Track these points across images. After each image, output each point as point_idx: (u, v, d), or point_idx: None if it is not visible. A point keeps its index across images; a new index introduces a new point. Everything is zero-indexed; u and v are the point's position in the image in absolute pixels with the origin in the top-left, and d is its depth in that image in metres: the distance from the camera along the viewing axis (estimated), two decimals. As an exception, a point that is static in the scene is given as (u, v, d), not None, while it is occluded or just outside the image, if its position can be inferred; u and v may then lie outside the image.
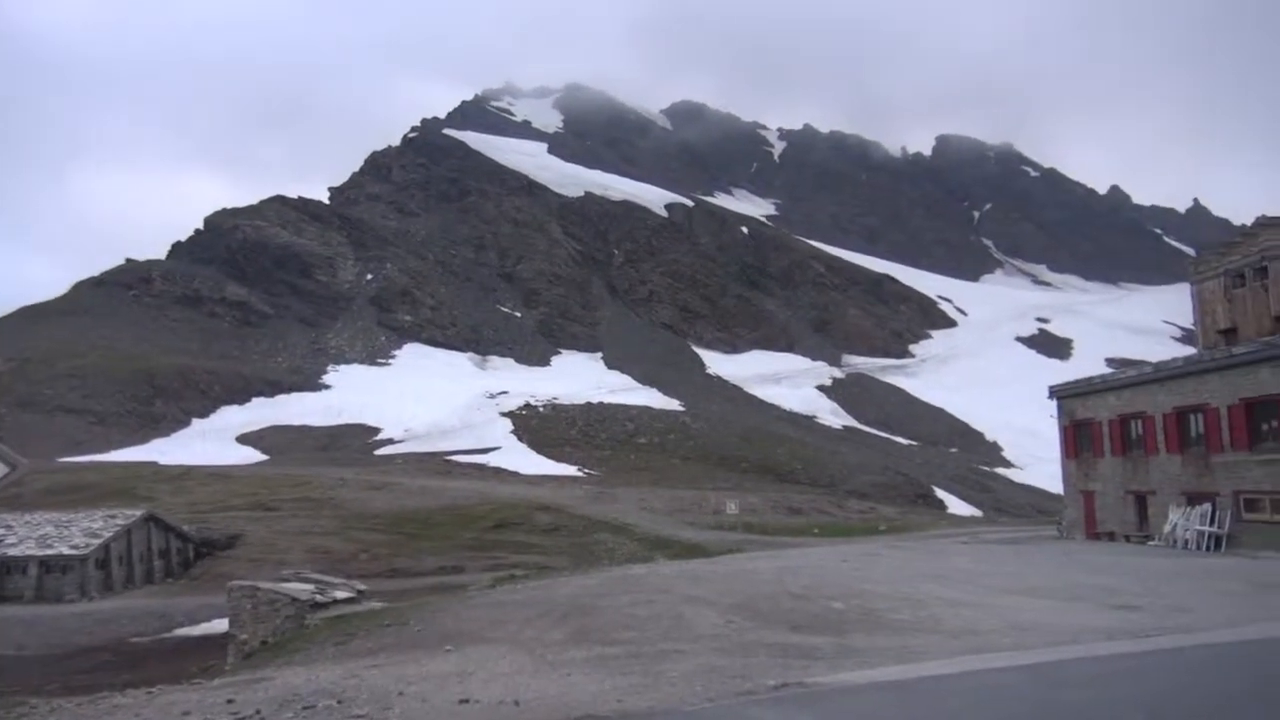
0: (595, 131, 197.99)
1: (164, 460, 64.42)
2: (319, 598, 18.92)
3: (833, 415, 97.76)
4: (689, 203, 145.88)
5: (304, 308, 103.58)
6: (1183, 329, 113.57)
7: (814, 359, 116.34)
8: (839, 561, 25.37)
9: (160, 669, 24.19)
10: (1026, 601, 16.60)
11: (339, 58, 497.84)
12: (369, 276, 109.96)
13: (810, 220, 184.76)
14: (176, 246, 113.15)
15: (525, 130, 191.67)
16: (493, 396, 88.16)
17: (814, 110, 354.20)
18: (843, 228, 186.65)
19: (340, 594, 19.70)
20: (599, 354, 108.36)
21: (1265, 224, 39.80)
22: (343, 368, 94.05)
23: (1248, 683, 9.61)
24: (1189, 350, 58.29)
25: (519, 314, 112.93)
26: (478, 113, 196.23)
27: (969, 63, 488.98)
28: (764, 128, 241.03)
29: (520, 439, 75.94)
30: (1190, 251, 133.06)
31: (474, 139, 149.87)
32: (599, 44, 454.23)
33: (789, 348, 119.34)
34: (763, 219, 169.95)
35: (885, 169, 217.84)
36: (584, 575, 24.99)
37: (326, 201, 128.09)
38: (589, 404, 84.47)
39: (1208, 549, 28.00)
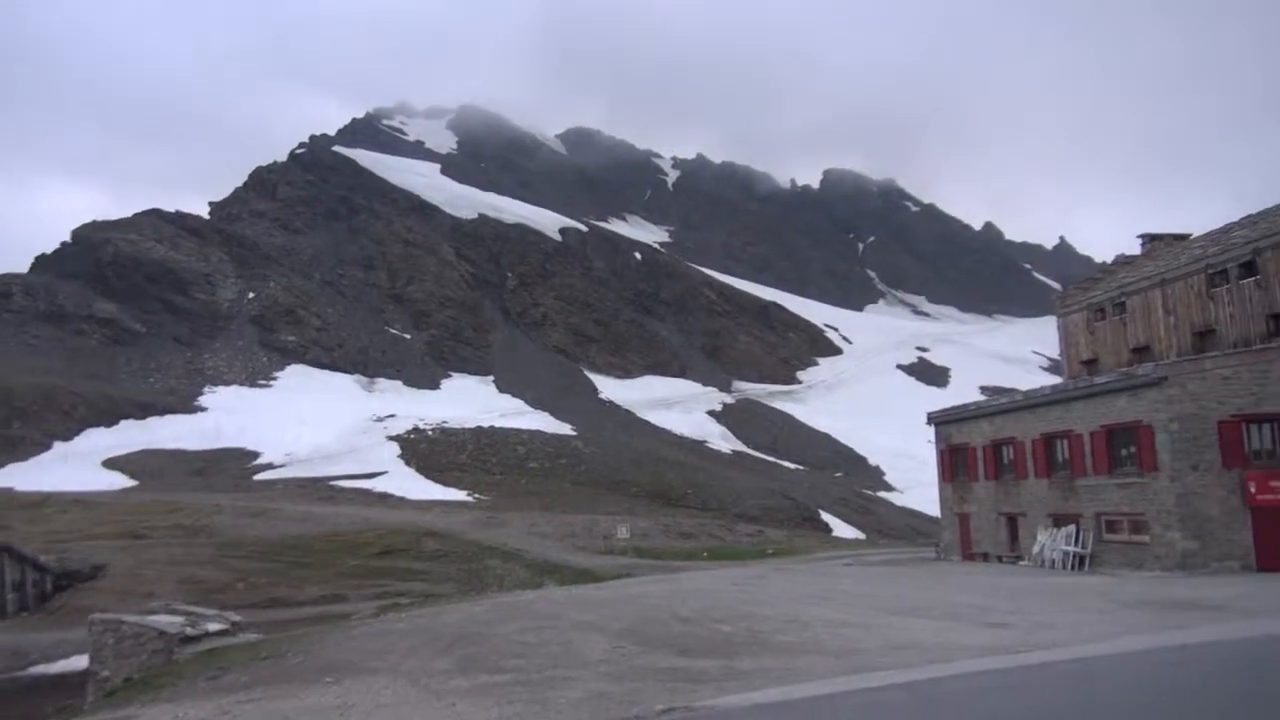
0: (489, 154, 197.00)
1: (20, 486, 60.42)
2: (189, 630, 18.02)
3: (723, 440, 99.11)
4: (583, 227, 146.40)
5: (180, 326, 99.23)
6: (1050, 359, 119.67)
7: (705, 385, 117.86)
8: (728, 585, 25.64)
9: (12, 710, 22.59)
10: (906, 621, 17.11)
11: (217, 69, 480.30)
12: (251, 295, 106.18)
13: (702, 248, 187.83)
14: (40, 260, 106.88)
15: (418, 150, 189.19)
16: (380, 420, 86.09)
17: (706, 140, 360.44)
18: (734, 256, 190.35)
19: (213, 626, 18.81)
20: (490, 377, 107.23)
21: (1123, 262, 42.51)
22: (220, 389, 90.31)
23: (1107, 694, 10.13)
24: (1055, 379, 61.46)
25: (409, 336, 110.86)
26: (369, 131, 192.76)
27: (854, 99, 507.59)
28: (657, 155, 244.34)
29: (408, 463, 74.31)
30: (1057, 286, 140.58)
31: (365, 157, 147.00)
32: (493, 67, 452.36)
33: (681, 373, 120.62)
34: (656, 245, 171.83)
35: (775, 200, 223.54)
36: (472, 602, 24.55)
37: (206, 216, 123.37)
38: (479, 428, 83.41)
39: (1073, 568, 29.45)
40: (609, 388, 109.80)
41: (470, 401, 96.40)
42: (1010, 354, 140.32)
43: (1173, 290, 34.73)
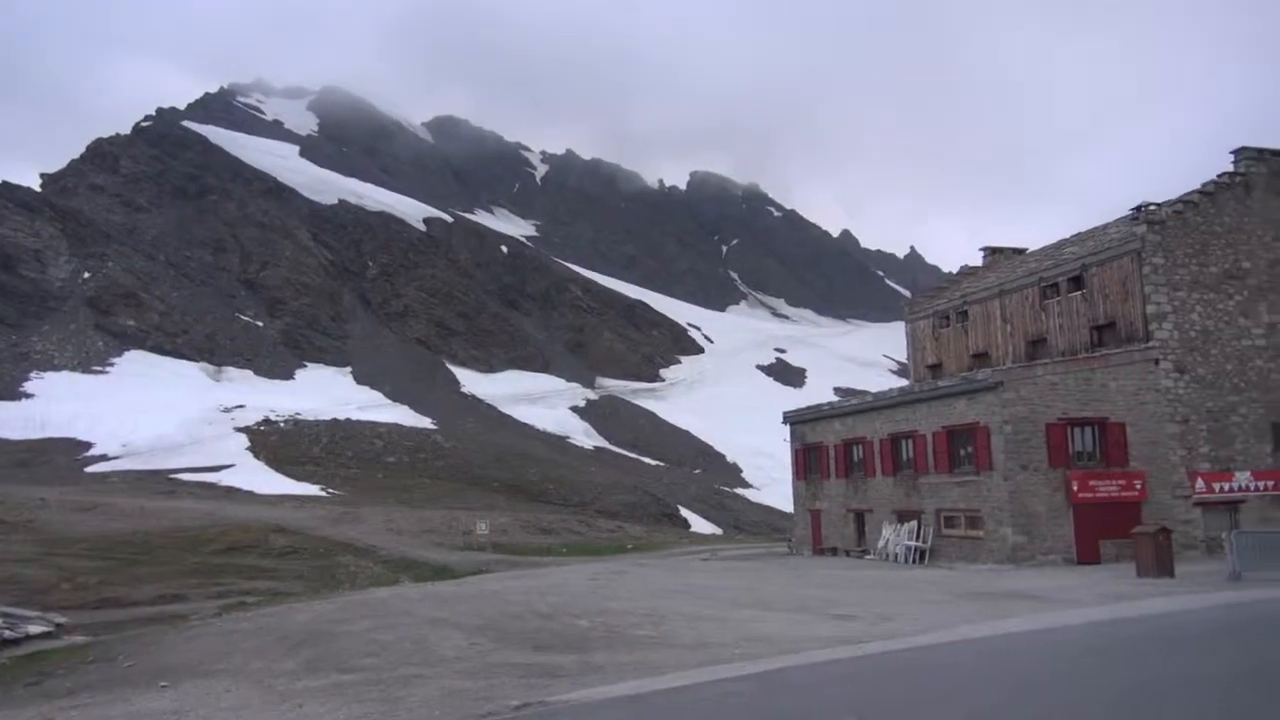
0: (352, 138, 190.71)
1: None
2: (7, 633, 16.76)
3: (585, 436, 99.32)
4: (448, 218, 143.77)
5: (4, 306, 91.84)
6: (899, 362, 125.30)
7: (569, 380, 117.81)
8: (586, 580, 25.74)
9: None
10: (758, 614, 17.62)
11: (42, 27, 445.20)
12: (86, 275, 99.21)
13: (570, 244, 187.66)
14: None
15: (276, 130, 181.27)
16: (227, 411, 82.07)
17: (575, 136, 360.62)
18: (601, 253, 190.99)
19: (34, 628, 17.55)
20: (348, 369, 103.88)
21: (967, 273, 44.99)
22: (49, 375, 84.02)
23: (941, 680, 10.73)
24: (903, 382, 64.41)
25: (261, 324, 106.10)
26: (223, 107, 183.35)
27: (720, 104, 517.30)
28: (526, 149, 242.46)
29: (257, 456, 71.15)
30: (907, 293, 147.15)
31: (217, 134, 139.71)
32: (357, 48, 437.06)
33: (545, 368, 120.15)
34: (523, 239, 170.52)
35: (642, 199, 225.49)
36: (322, 600, 23.80)
37: (38, 189, 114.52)
38: (335, 420, 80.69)
39: (914, 562, 30.98)
40: (471, 381, 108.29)
41: (326, 393, 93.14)
42: (863, 357, 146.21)
43: (1010, 301, 36.99)
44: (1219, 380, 30.64)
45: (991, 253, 44.49)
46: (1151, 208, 31.73)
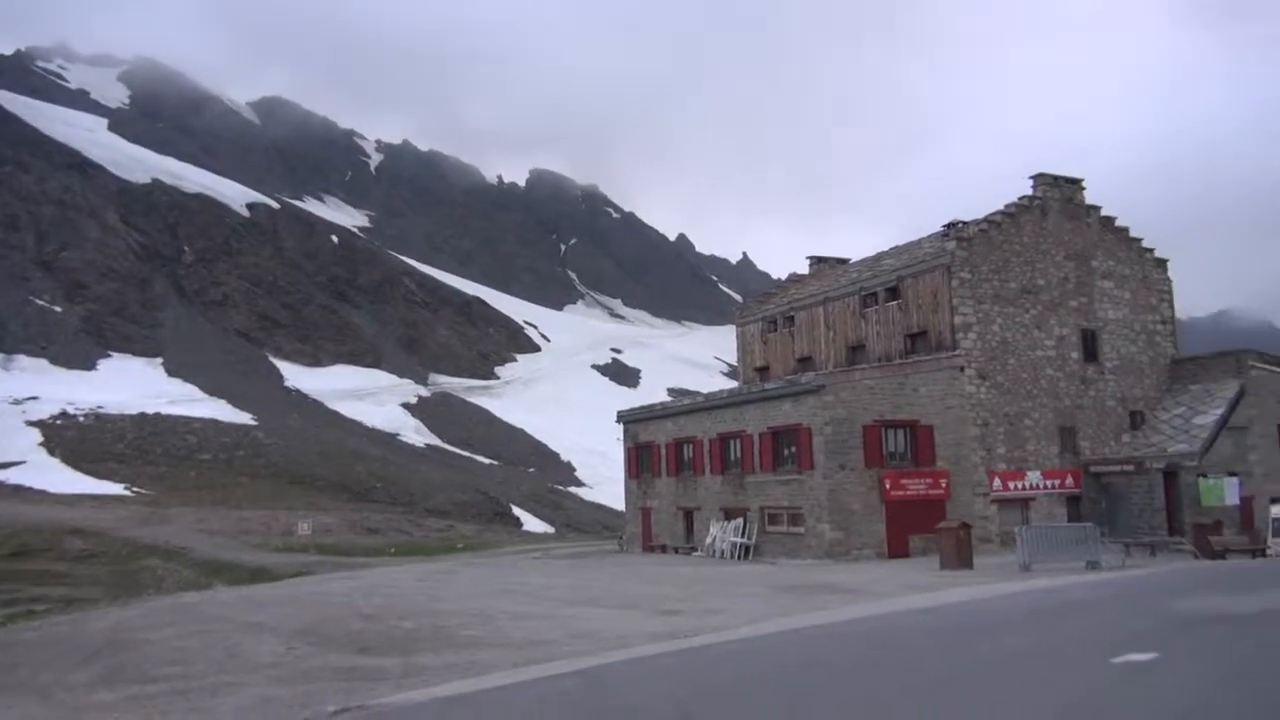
0: (169, 114, 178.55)
1: None
2: None
3: (416, 434, 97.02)
4: (275, 204, 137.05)
5: None
6: (729, 365, 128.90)
7: (401, 376, 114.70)
8: (413, 581, 25.23)
9: None
10: (587, 611, 17.75)
11: None
12: None
13: (404, 236, 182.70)
14: None
15: (81, 100, 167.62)
16: (18, 403, 75.22)
17: (412, 127, 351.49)
18: (437, 247, 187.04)
19: None
20: (159, 360, 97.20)
21: (794, 280, 46.86)
22: None
23: (761, 670, 11.15)
24: (733, 384, 66.38)
25: (59, 309, 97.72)
26: (19, 71, 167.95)
27: (560, 101, 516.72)
28: (361, 137, 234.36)
29: (52, 453, 65.60)
30: (738, 298, 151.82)
31: (12, 101, 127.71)
32: (174, 17, 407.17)
33: (376, 364, 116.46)
34: (355, 230, 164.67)
35: (481, 194, 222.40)
36: (123, 607, 22.24)
37: None
38: (143, 414, 75.40)
39: (739, 558, 31.99)
40: (296, 376, 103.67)
41: (133, 385, 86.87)
42: (696, 359, 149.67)
43: (833, 308, 38.81)
44: (1015, 387, 33.24)
45: (817, 262, 46.55)
46: (961, 225, 34.07)
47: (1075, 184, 36.22)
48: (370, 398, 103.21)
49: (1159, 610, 14.75)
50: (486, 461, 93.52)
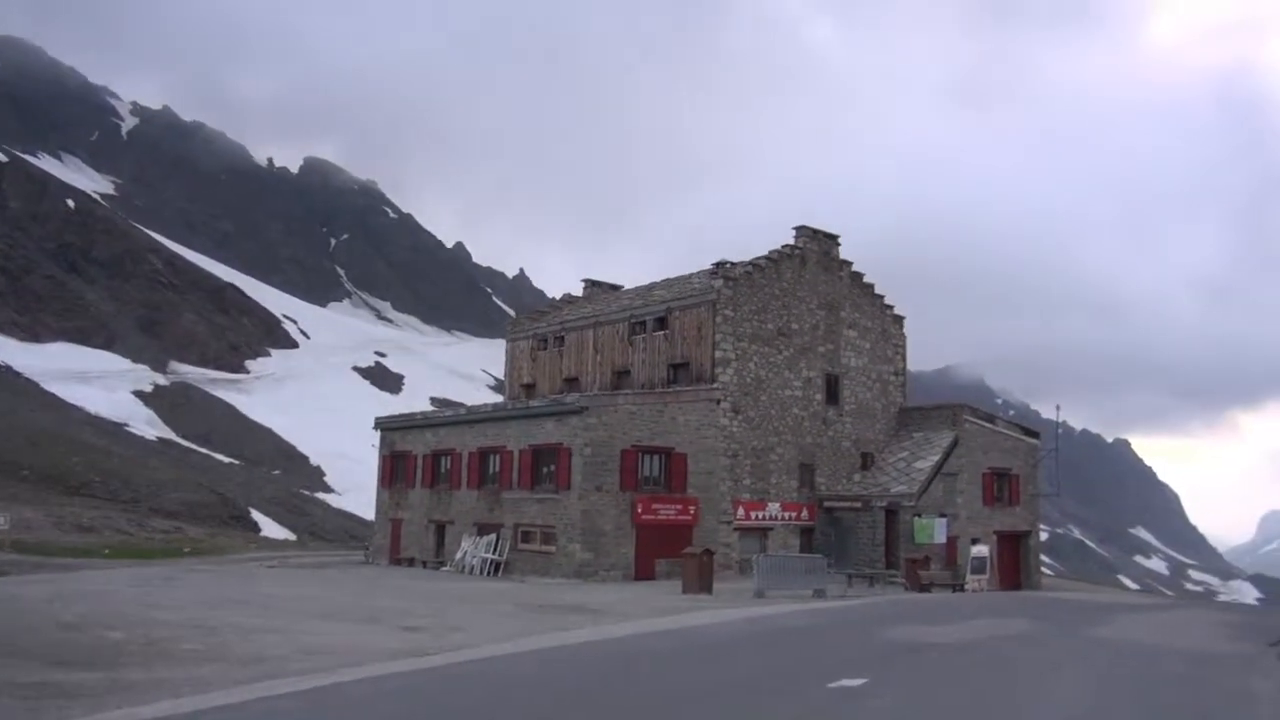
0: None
1: None
2: None
3: (148, 425, 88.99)
4: (2, 157, 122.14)
5: None
6: (496, 379, 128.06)
7: (136, 361, 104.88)
8: (129, 586, 23.10)
9: None
10: (323, 625, 16.94)
11: None
12: None
13: (156, 210, 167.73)
14: None
15: None
16: None
17: (177, 93, 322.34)
18: (192, 226, 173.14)
19: None
20: None
21: (568, 301, 47.35)
22: None
23: (499, 691, 11.06)
24: (498, 398, 65.98)
25: None
26: None
27: (340, 91, 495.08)
28: (114, 96, 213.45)
29: None
30: (511, 313, 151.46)
31: None
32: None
33: (108, 345, 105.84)
34: (96, 196, 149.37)
35: (248, 175, 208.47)
36: None
37: None
38: None
39: (489, 574, 31.72)
40: (10, 351, 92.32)
41: None
42: (462, 370, 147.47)
43: (603, 332, 39.55)
44: (764, 423, 35.24)
45: (591, 285, 47.33)
46: (729, 265, 35.82)
47: (832, 239, 39.12)
48: (98, 381, 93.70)
49: (872, 638, 16.05)
50: (227, 460, 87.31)
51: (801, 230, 38.19)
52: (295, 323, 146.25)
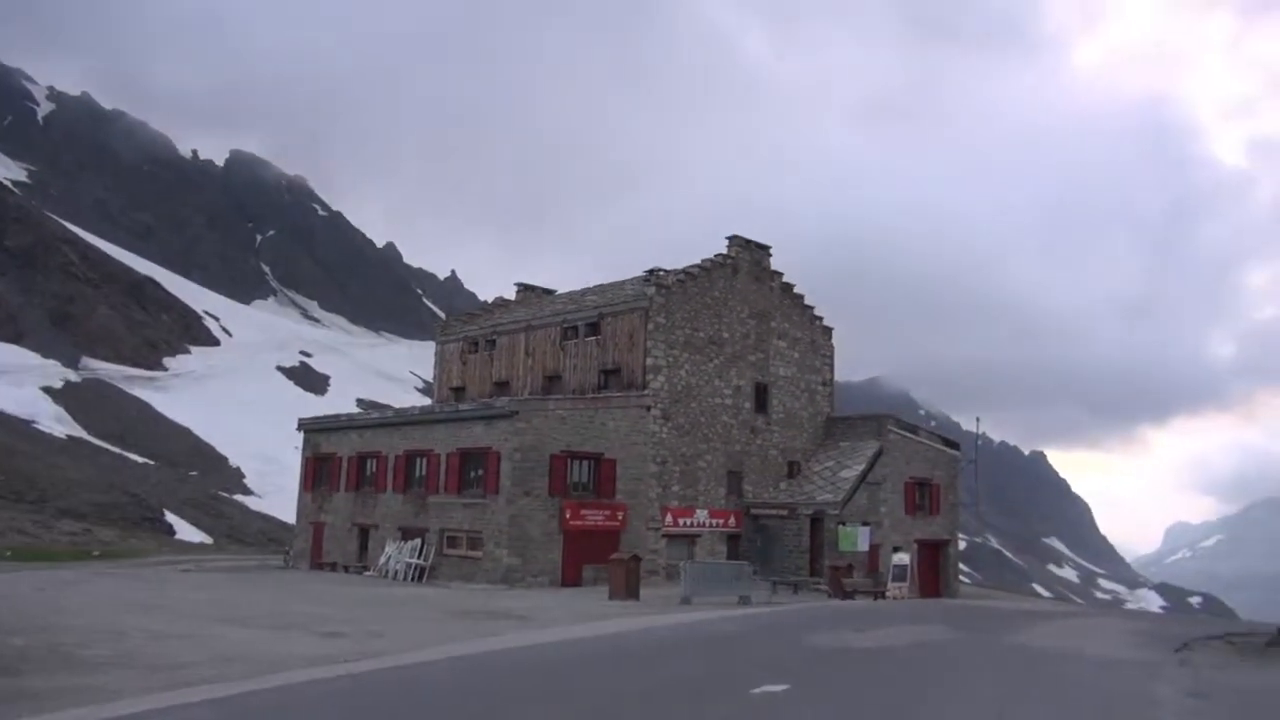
0: None
1: None
2: None
3: (57, 422, 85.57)
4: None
5: None
6: (425, 381, 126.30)
7: (46, 356, 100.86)
8: (32, 590, 22.20)
9: None
10: (238, 631, 16.48)
11: None
12: None
13: (71, 200, 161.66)
14: None
15: None
16: None
17: (96, 80, 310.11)
18: (110, 217, 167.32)
19: None
20: None
21: (499, 304, 47.01)
22: None
23: (419, 699, 10.88)
24: (427, 401, 65.10)
25: None
26: None
27: (268, 85, 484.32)
28: (30, 80, 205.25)
29: None
30: (442, 315, 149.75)
31: None
32: None
33: (16, 339, 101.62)
34: (8, 184, 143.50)
35: (170, 167, 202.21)
36: None
37: None
38: None
39: (413, 579, 31.24)
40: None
41: None
42: (391, 371, 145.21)
43: (535, 336, 39.34)
44: (694, 430, 35.43)
45: (524, 289, 47.05)
46: (661, 273, 35.95)
47: (764, 249, 39.56)
48: (4, 376, 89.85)
49: (794, 644, 16.22)
50: (141, 460, 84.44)
51: (734, 240, 38.54)
52: (217, 320, 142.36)
